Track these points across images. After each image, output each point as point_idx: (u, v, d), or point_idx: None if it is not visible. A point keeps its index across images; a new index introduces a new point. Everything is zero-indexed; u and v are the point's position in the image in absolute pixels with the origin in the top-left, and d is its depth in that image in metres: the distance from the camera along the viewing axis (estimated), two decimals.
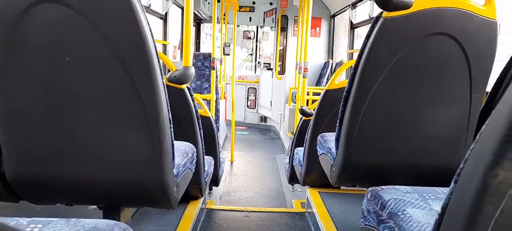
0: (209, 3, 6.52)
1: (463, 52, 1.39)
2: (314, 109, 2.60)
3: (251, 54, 8.95)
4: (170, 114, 1.25)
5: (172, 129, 1.27)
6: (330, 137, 1.91)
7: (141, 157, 1.21)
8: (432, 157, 1.56)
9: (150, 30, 1.12)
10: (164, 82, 1.20)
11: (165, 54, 5.00)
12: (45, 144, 1.20)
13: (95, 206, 1.50)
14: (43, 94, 1.14)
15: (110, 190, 1.28)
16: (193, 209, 2.44)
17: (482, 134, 0.66)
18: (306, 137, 2.62)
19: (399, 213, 1.07)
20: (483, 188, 0.61)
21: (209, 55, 5.47)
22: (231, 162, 5.08)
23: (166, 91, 1.21)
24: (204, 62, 5.57)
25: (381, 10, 1.38)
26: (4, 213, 2.15)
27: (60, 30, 1.08)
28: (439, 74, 1.44)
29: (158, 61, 1.15)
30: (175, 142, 1.44)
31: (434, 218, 1.02)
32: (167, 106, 1.23)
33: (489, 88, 1.54)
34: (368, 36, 1.43)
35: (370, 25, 1.43)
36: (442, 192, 1.20)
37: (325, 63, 6.81)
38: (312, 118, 2.55)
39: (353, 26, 5.53)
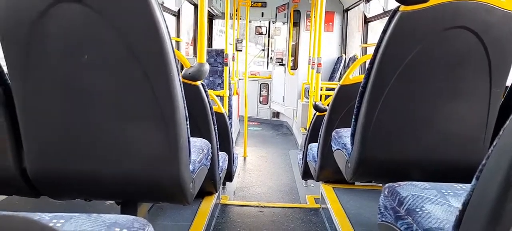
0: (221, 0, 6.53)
1: (483, 46, 1.36)
2: (327, 105, 2.58)
3: (263, 50, 8.93)
4: (186, 111, 1.26)
5: (188, 126, 1.28)
6: (345, 132, 1.90)
7: (158, 153, 1.22)
8: (450, 152, 1.54)
9: (167, 28, 1.12)
10: (181, 80, 1.21)
11: (179, 51, 5.03)
12: (65, 140, 1.22)
13: (113, 201, 1.52)
14: (62, 92, 1.17)
15: (128, 185, 1.30)
16: (207, 205, 2.46)
17: (505, 130, 0.64)
18: (320, 133, 2.61)
19: (417, 210, 1.06)
20: (507, 184, 0.60)
21: (222, 51, 5.49)
22: (244, 158, 5.09)
23: (183, 89, 1.22)
24: (217, 58, 5.58)
25: (398, 4, 1.36)
26: (24, 208, 2.20)
27: (78, 29, 1.10)
28: (458, 68, 1.41)
29: (175, 58, 1.16)
30: (191, 138, 1.45)
31: (453, 214, 1.01)
32: (184, 103, 1.24)
33: (508, 83, 1.51)
34: (384, 31, 1.41)
35: (384, 19, 1.41)
36: (461, 188, 1.18)
37: (338, 58, 6.75)
38: (326, 114, 2.54)
39: (366, 20, 5.47)
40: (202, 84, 1.93)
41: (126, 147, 1.22)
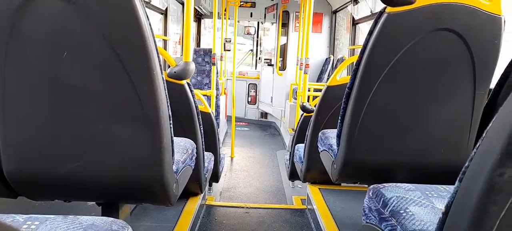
0: None
1: (467, 49, 1.37)
2: (315, 106, 2.58)
3: (251, 50, 8.92)
4: (169, 110, 1.23)
5: (171, 125, 1.26)
6: (331, 133, 1.90)
7: (140, 153, 1.19)
8: (435, 154, 1.55)
9: (150, 25, 1.10)
10: (164, 78, 1.18)
11: (166, 50, 4.98)
12: (43, 139, 1.18)
13: (94, 202, 1.48)
14: (40, 90, 1.13)
15: (109, 186, 1.26)
16: (192, 205, 2.43)
17: (488, 132, 0.64)
18: (307, 133, 2.60)
19: (401, 211, 1.06)
20: (489, 186, 0.60)
21: (210, 50, 5.45)
22: (231, 158, 5.07)
23: (166, 87, 1.20)
24: (205, 57, 5.55)
25: (384, 6, 1.36)
26: (1, 209, 2.14)
27: (58, 25, 1.06)
28: (443, 70, 1.42)
29: (158, 56, 1.13)
30: (175, 138, 1.43)
31: (437, 216, 1.01)
32: (167, 102, 1.21)
33: (492, 85, 1.52)
34: (371, 32, 1.40)
35: (372, 21, 1.41)
36: (445, 190, 1.18)
37: (326, 59, 6.78)
38: (313, 114, 2.54)
39: (355, 22, 5.50)
40: (188, 84, 1.90)
41: (106, 146, 1.19)
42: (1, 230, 0.50)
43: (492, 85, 1.52)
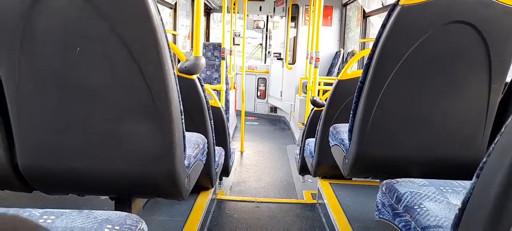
0: None
1: (483, 41, 1.34)
2: (325, 100, 2.56)
3: (261, 44, 8.89)
4: (181, 105, 1.24)
5: (183, 120, 1.26)
6: (343, 128, 1.88)
7: (153, 148, 1.20)
8: (449, 149, 1.52)
9: (161, 20, 1.10)
10: (175, 73, 1.19)
11: (175, 44, 4.99)
12: (57, 135, 1.19)
13: (107, 197, 1.50)
14: (54, 86, 1.14)
15: (121, 181, 1.27)
16: (203, 200, 2.44)
17: (508, 127, 0.63)
18: (317, 128, 2.59)
19: (415, 207, 1.05)
20: (508, 182, 0.59)
21: (219, 45, 5.45)
22: (241, 153, 5.08)
23: (177, 83, 1.20)
24: (214, 52, 5.55)
25: None
26: (17, 203, 2.18)
27: (70, 22, 1.07)
28: (457, 64, 1.39)
29: (169, 52, 1.13)
30: (186, 133, 1.43)
31: (452, 212, 1.00)
32: (179, 97, 1.21)
33: (508, 79, 1.49)
34: (384, 25, 1.38)
35: (383, 14, 1.39)
36: (460, 185, 1.17)
37: (336, 52, 6.73)
38: (323, 109, 2.52)
39: (365, 15, 5.44)
40: (198, 78, 1.90)
41: (119, 142, 1.19)
42: (22, 226, 0.51)
43: (508, 78, 1.49)
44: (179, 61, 1.90)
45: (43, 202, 2.13)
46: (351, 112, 1.59)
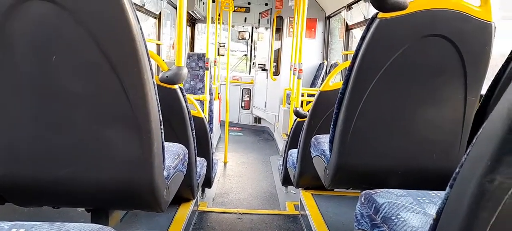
0: (204, 3, 6.49)
1: (459, 54, 1.37)
2: (308, 111, 2.58)
3: (245, 55, 8.92)
4: (160, 115, 1.22)
5: (162, 130, 1.24)
6: (324, 138, 1.89)
7: (130, 158, 1.17)
8: (427, 160, 1.55)
9: (141, 29, 1.09)
10: (155, 83, 1.17)
11: (159, 54, 4.96)
12: (31, 144, 1.16)
13: (83, 209, 1.46)
14: (29, 94, 1.11)
15: (98, 192, 1.24)
16: (184, 211, 2.41)
17: (478, 138, 0.64)
18: (300, 139, 2.60)
19: (393, 217, 1.05)
20: (479, 193, 0.59)
21: (203, 55, 5.44)
22: (225, 164, 5.05)
23: (157, 92, 1.18)
24: (198, 62, 5.53)
25: (377, 11, 1.36)
26: None
27: (47, 28, 1.05)
28: (434, 76, 1.43)
29: (149, 61, 1.12)
30: (166, 143, 1.41)
31: (428, 222, 1.01)
32: (158, 107, 1.20)
33: (483, 91, 1.53)
34: (363, 38, 1.41)
35: (364, 26, 1.41)
36: (437, 196, 1.18)
37: (320, 64, 6.81)
38: (306, 120, 2.53)
39: (348, 28, 5.53)
40: (180, 88, 1.88)
41: (96, 151, 1.17)
42: None
43: (483, 91, 1.53)
44: (161, 71, 1.88)
45: (15, 215, 2.05)
46: (332, 123, 1.60)
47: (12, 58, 1.07)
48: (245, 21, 7.46)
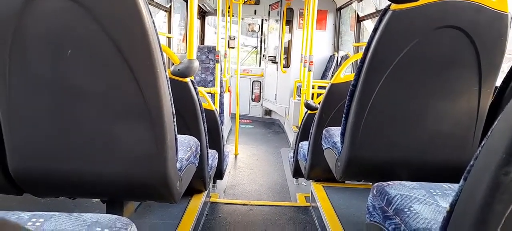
0: None
1: (473, 46, 1.35)
2: (319, 103, 2.57)
3: (255, 47, 8.91)
4: (173, 108, 1.23)
5: (175, 123, 1.26)
6: (335, 131, 1.89)
7: (144, 151, 1.19)
8: (440, 152, 1.54)
9: (153, 23, 1.10)
10: (168, 76, 1.18)
11: (169, 48, 4.98)
12: (48, 137, 1.19)
13: (98, 200, 1.49)
14: (45, 88, 1.13)
15: (113, 184, 1.27)
16: (196, 203, 2.44)
17: (494, 131, 0.64)
18: (311, 131, 2.60)
19: (405, 210, 1.06)
20: (494, 185, 0.59)
21: (214, 48, 5.45)
22: (235, 156, 5.07)
23: (169, 85, 1.20)
24: (209, 55, 5.55)
25: (389, 3, 1.35)
26: (7, 206, 2.16)
27: (62, 24, 1.07)
28: (448, 68, 1.41)
29: (161, 54, 1.13)
30: (179, 136, 1.43)
31: (441, 214, 1.01)
32: (170, 100, 1.21)
33: (498, 83, 1.51)
34: (375, 29, 1.40)
35: (377, 18, 1.40)
36: (449, 188, 1.18)
37: (331, 56, 6.76)
38: (317, 112, 2.53)
39: (359, 19, 5.47)
40: (192, 81, 1.90)
41: (111, 144, 1.19)
42: (8, 228, 0.50)
43: (498, 82, 1.50)
44: (173, 64, 1.90)
45: (33, 205, 2.11)
46: (344, 115, 1.60)
47: (27, 54, 1.09)
48: (255, 13, 7.43)
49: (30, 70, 1.11)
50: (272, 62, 7.58)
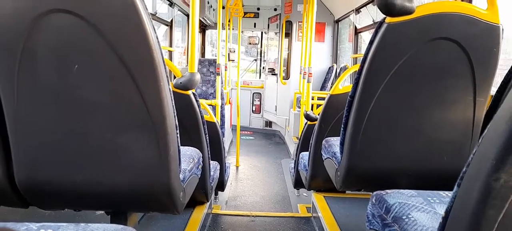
0: (214, 10, 6.57)
1: (467, 57, 1.39)
2: (318, 114, 2.60)
3: (255, 60, 8.98)
4: (176, 120, 1.26)
5: (178, 135, 1.29)
6: (335, 141, 1.92)
7: (148, 162, 1.22)
8: (437, 161, 1.56)
9: (157, 38, 1.14)
10: (171, 89, 1.22)
11: (171, 61, 5.04)
12: (54, 150, 1.22)
13: (103, 211, 1.51)
14: (52, 101, 1.16)
15: (118, 195, 1.29)
16: (199, 214, 2.45)
17: (484, 138, 0.66)
18: (311, 142, 2.62)
19: (403, 217, 1.08)
20: (486, 191, 0.61)
21: (214, 61, 5.51)
22: (237, 167, 5.09)
23: (173, 98, 1.23)
24: (209, 68, 5.60)
25: (384, 16, 1.39)
26: (13, 218, 2.18)
27: (69, 39, 1.10)
28: (443, 78, 1.45)
29: (165, 68, 1.17)
30: (181, 147, 1.45)
31: (438, 221, 1.03)
32: (174, 112, 1.24)
33: (493, 92, 1.54)
34: (371, 42, 1.44)
35: (373, 30, 1.44)
36: (447, 196, 1.20)
37: (330, 68, 6.82)
38: (316, 123, 2.56)
39: (357, 31, 5.54)
40: (194, 94, 1.93)
41: (115, 156, 1.22)
42: None
43: (493, 91, 1.54)
44: (174, 77, 1.93)
45: (39, 217, 2.13)
46: (342, 125, 1.63)
47: (35, 68, 1.13)
48: (255, 26, 7.52)
49: (38, 84, 1.15)
50: (272, 74, 7.65)
